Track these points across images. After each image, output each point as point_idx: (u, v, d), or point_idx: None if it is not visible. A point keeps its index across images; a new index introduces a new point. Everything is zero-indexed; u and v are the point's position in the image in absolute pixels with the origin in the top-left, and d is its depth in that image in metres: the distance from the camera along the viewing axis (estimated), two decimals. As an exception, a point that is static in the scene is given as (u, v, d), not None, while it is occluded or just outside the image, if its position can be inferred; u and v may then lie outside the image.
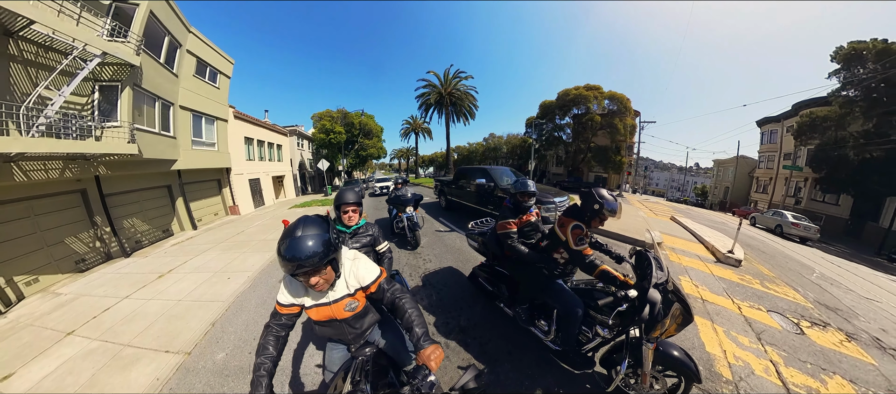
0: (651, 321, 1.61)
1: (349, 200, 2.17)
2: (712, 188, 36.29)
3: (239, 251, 6.88)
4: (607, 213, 1.98)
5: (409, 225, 5.27)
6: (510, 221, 2.53)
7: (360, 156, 27.98)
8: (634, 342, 1.74)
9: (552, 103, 27.65)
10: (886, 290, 6.56)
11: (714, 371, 2.58)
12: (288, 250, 1.16)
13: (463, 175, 8.17)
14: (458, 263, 4.43)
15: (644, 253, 1.95)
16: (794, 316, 4.08)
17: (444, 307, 3.10)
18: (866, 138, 13.65)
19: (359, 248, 2.18)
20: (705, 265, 5.82)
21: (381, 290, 1.42)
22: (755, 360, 2.87)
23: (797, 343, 3.33)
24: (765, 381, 2.57)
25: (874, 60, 13.00)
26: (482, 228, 3.26)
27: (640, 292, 1.69)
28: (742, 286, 4.96)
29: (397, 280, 2.31)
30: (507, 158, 42.28)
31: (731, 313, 3.78)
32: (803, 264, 7.78)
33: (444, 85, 26.27)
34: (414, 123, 38.10)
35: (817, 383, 2.66)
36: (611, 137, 24.94)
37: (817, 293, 5.37)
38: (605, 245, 2.44)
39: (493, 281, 2.89)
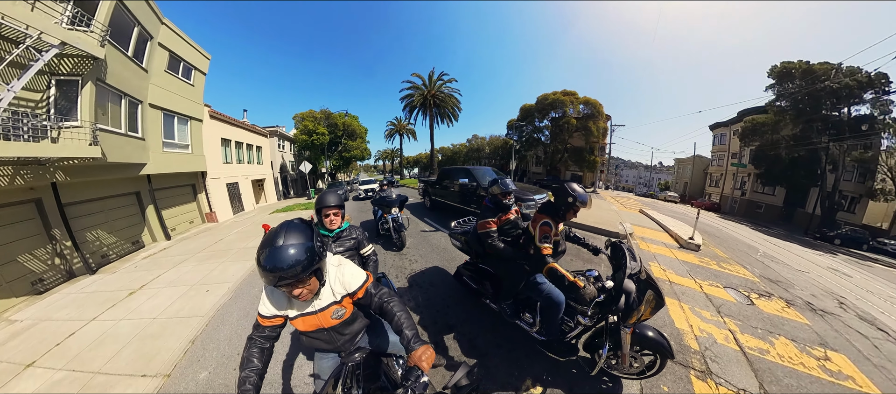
0: (627, 309, 1.75)
1: (330, 203, 2.09)
2: (673, 183, 41.48)
3: (218, 261, 6.46)
4: (579, 204, 2.07)
5: (395, 226, 5.25)
6: (490, 219, 2.55)
7: (344, 157, 27.37)
8: (613, 328, 1.85)
9: (532, 107, 29.32)
10: (813, 263, 8.24)
11: (683, 344, 2.95)
12: (268, 260, 1.08)
13: (446, 175, 8.27)
14: (443, 263, 4.46)
15: (619, 244, 2.08)
16: (745, 290, 4.77)
17: (431, 306, 3.12)
18: (794, 141, 17.49)
19: (342, 252, 2.11)
20: (671, 251, 6.54)
21: (369, 295, 1.37)
22: (716, 330, 3.32)
23: (749, 313, 3.90)
24: (726, 348, 3.00)
25: (800, 77, 16.71)
26: (465, 228, 3.27)
27: (617, 283, 1.83)
28: (702, 268, 5.67)
29: (384, 283, 2.20)
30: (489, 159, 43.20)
31: (694, 292, 4.31)
32: (750, 246, 9.05)
33: (428, 87, 26.68)
34: (398, 125, 37.93)
35: (767, 344, 3.18)
36: (585, 139, 27.00)
37: (762, 269, 6.31)
38: (582, 238, 2.56)
39: (478, 279, 2.91)
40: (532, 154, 33.31)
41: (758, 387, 2.52)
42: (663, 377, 2.33)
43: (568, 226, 2.46)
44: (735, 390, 2.45)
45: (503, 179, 2.68)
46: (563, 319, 2.11)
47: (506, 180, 2.69)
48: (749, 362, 2.85)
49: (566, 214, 2.13)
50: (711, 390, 2.40)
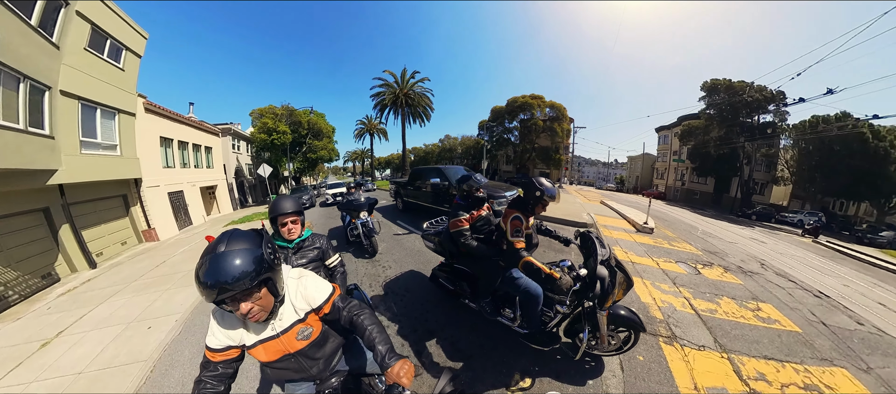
0: (603, 294, 1.82)
1: (286, 210, 1.81)
2: (627, 177, 46.93)
3: (161, 289, 5.39)
4: (548, 198, 2.10)
5: (365, 231, 4.89)
6: (462, 218, 2.48)
7: (309, 159, 25.01)
8: (590, 312, 1.93)
9: (502, 109, 30.47)
10: (739, 235, 10.29)
11: (650, 316, 3.27)
12: (207, 272, 0.90)
13: (418, 176, 8.06)
14: (418, 266, 4.29)
15: (587, 234, 2.18)
16: (692, 263, 5.59)
17: (409, 313, 2.98)
18: (720, 141, 22.34)
19: (305, 264, 1.90)
20: (630, 235, 7.31)
21: (336, 309, 1.22)
22: (675, 299, 3.79)
23: (697, 281, 4.59)
24: (684, 313, 3.45)
25: (724, 91, 21.29)
26: (437, 228, 3.18)
27: (590, 271, 1.88)
28: (656, 247, 6.44)
29: (356, 295, 2.00)
30: (462, 158, 43.69)
31: (653, 269, 4.84)
32: (691, 226, 10.55)
33: (400, 85, 25.84)
34: (369, 124, 36.41)
35: (714, 304, 3.78)
36: (551, 139, 28.80)
37: (703, 244, 7.53)
38: (553, 230, 2.60)
39: (454, 279, 2.83)
40: (502, 153, 34.50)
41: (713, 341, 2.98)
42: (638, 349, 2.55)
43: (538, 220, 2.50)
44: (696, 346, 2.83)
45: (472, 175, 2.74)
46: (542, 310, 2.13)
47: (476, 176, 2.71)
48: (703, 322, 3.33)
49: (535, 208, 2.15)
50: (678, 351, 2.72)
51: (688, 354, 2.70)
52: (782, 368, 2.73)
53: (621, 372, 2.32)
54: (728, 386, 2.40)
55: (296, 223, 1.89)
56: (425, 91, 26.79)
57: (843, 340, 3.46)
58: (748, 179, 22.38)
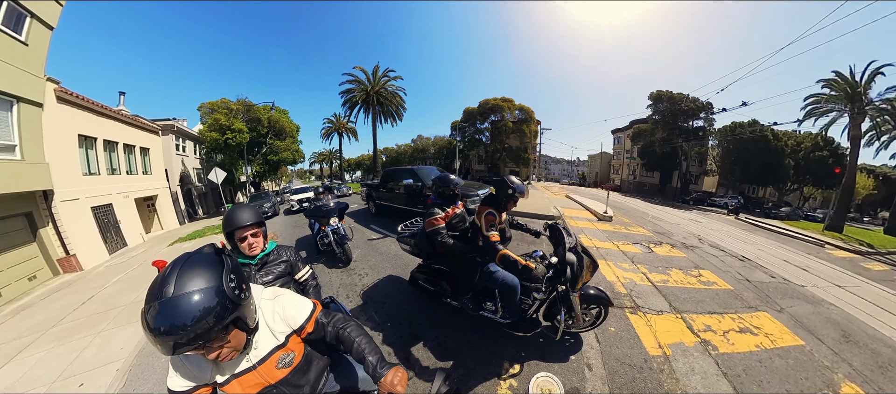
0: (574, 278, 1.98)
1: (244, 222, 1.57)
2: (589, 173, 52.03)
3: (92, 332, 4.18)
4: (519, 195, 2.20)
5: (336, 239, 4.53)
6: (437, 216, 2.48)
7: (271, 162, 21.68)
8: (564, 295, 2.09)
9: (474, 110, 31.30)
10: (680, 217, 11.94)
11: (615, 291, 3.66)
12: (159, 319, 0.73)
13: (390, 177, 7.77)
14: (396, 270, 4.15)
15: (555, 225, 2.35)
16: (646, 243, 6.34)
17: (392, 320, 2.90)
18: (663, 141, 26.47)
19: (271, 280, 1.71)
20: (592, 224, 8.03)
21: (320, 326, 1.10)
22: (634, 275, 4.27)
23: (651, 258, 5.30)
24: (643, 286, 3.93)
25: (666, 101, 25.59)
26: (412, 230, 3.12)
27: (560, 258, 2.03)
28: (616, 232, 7.17)
29: (334, 309, 1.86)
30: (434, 159, 43.59)
31: (614, 251, 5.44)
32: (643, 212, 11.90)
33: (371, 83, 24.27)
34: (337, 123, 33.72)
35: (666, 275, 4.40)
36: (520, 140, 30.27)
37: (653, 227, 8.51)
38: (524, 224, 2.71)
39: (434, 280, 2.81)
40: (474, 153, 35.30)
41: (668, 306, 3.46)
42: (609, 321, 2.80)
43: (510, 215, 2.58)
44: (656, 312, 3.25)
45: (446, 174, 2.69)
46: (521, 299, 2.21)
47: (446, 176, 2.67)
48: (659, 291, 3.83)
49: (507, 204, 2.23)
50: (642, 318, 3.10)
51: (650, 319, 3.08)
52: (722, 318, 3.31)
53: (597, 344, 2.56)
54: (684, 340, 2.79)
55: (257, 236, 1.62)
56: (398, 90, 25.65)
57: (762, 291, 4.32)
58: (686, 172, 27.48)
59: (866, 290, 4.97)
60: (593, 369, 2.27)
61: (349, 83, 24.68)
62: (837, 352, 2.97)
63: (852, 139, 14.11)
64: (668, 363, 2.43)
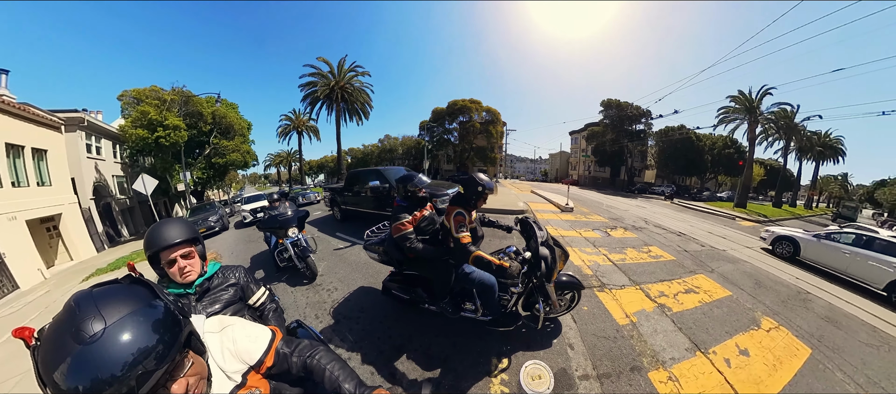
0: (548, 270, 2.01)
1: (170, 240, 1.23)
2: (550, 170, 55.28)
3: None
4: (487, 191, 2.20)
5: (298, 252, 4.01)
6: (404, 221, 2.31)
7: (216, 165, 17.71)
8: (540, 286, 2.11)
9: (443, 110, 31.60)
10: (629, 204, 13.74)
11: (583, 274, 3.99)
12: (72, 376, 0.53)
13: (355, 179, 7.24)
14: (368, 280, 3.87)
15: (526, 220, 2.33)
16: (603, 228, 7.04)
17: (370, 336, 2.71)
18: (613, 141, 30.60)
19: (220, 310, 1.40)
20: (556, 215, 8.69)
21: (282, 357, 0.95)
22: (597, 257, 4.75)
23: (609, 241, 5.92)
24: (605, 266, 4.38)
25: (615, 107, 29.62)
26: (380, 236, 2.93)
27: (533, 252, 2.05)
28: (577, 221, 7.85)
29: (302, 334, 1.63)
30: (403, 159, 42.68)
31: (578, 238, 5.97)
32: (598, 202, 13.21)
33: (336, 77, 22.02)
34: (296, 120, 30.38)
35: (623, 254, 5.05)
36: (487, 140, 31.44)
37: (608, 214, 9.52)
38: (495, 221, 2.71)
39: (408, 287, 2.71)
40: (443, 153, 35.54)
41: (628, 280, 3.94)
42: (582, 302, 3.01)
43: (481, 213, 2.58)
44: (619, 287, 3.70)
45: (411, 174, 2.57)
46: (499, 295, 2.23)
47: (413, 175, 2.55)
48: (619, 268, 4.34)
49: (477, 202, 2.21)
50: (608, 294, 3.48)
51: (615, 294, 3.46)
52: (671, 284, 3.97)
53: (575, 324, 2.77)
54: (645, 307, 3.22)
55: (190, 257, 1.28)
56: (365, 86, 23.64)
57: (696, 258, 5.34)
58: (631, 167, 32.24)
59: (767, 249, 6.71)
60: (575, 348, 2.45)
61: (311, 76, 22.17)
62: (755, 296, 3.92)
63: (750, 140, 19.25)
64: (636, 329, 2.79)
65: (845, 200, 29.52)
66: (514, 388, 2.05)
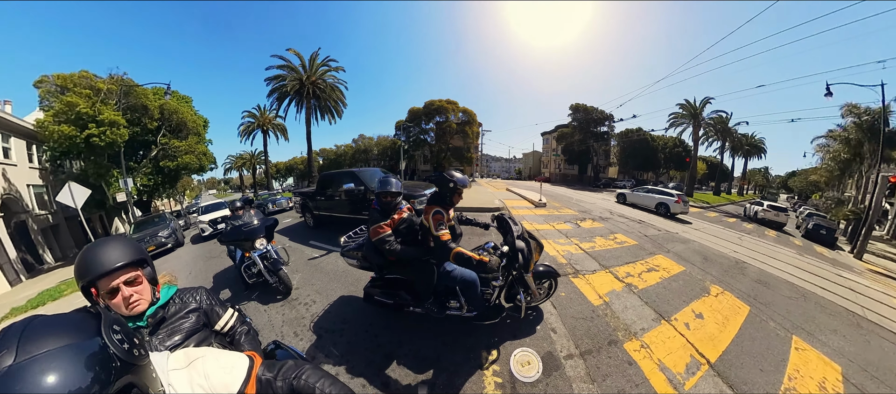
0: (526, 262, 2.13)
1: (108, 265, 1.00)
2: (524, 169, 58.25)
3: None
4: (461, 186, 2.21)
5: (268, 265, 3.67)
6: (382, 224, 2.28)
7: (166, 170, 15.14)
8: (519, 278, 2.24)
9: (419, 110, 31.45)
10: (596, 198, 14.82)
11: (558, 263, 4.26)
12: None
13: (328, 182, 6.88)
14: (348, 289, 3.69)
15: (502, 217, 2.48)
16: (574, 220, 7.49)
17: (356, 347, 2.62)
18: (580, 142, 33.02)
19: (181, 341, 1.19)
20: (531, 211, 9.10)
21: (265, 384, 0.90)
22: (570, 247, 5.10)
23: (579, 231, 6.32)
24: (577, 254, 4.72)
25: (582, 111, 32.48)
26: (358, 241, 2.84)
27: (510, 246, 2.17)
28: (550, 215, 8.29)
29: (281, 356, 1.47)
30: (378, 160, 41.60)
31: (552, 231, 6.30)
32: (568, 197, 14.03)
33: (307, 71, 20.27)
34: (261, 117, 27.49)
35: (592, 242, 5.46)
36: (464, 140, 31.94)
37: (577, 207, 10.17)
38: (473, 219, 2.74)
39: (391, 292, 2.66)
40: (420, 154, 35.37)
41: (598, 265, 4.26)
42: (559, 289, 3.20)
43: (459, 212, 2.63)
44: (591, 271, 4.01)
45: (387, 177, 2.47)
46: (482, 290, 2.28)
47: (390, 177, 2.46)
48: (590, 255, 4.70)
49: (452, 198, 2.23)
50: (582, 279, 3.75)
51: (588, 279, 3.76)
52: (635, 265, 4.38)
53: (555, 310, 2.94)
54: (615, 287, 3.55)
55: (137, 283, 1.05)
56: (339, 82, 21.87)
57: (654, 240, 6.02)
58: (596, 165, 35.38)
59: (709, 228, 8.63)
60: (557, 331, 2.61)
61: (280, 69, 20.13)
62: (703, 269, 4.60)
63: (694, 141, 24.36)
64: (609, 308, 3.07)
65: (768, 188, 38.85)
66: (506, 377, 2.11)
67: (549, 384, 2.08)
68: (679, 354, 2.47)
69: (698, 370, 2.31)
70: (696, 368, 2.33)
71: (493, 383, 2.05)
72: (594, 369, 2.25)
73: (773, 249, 7.40)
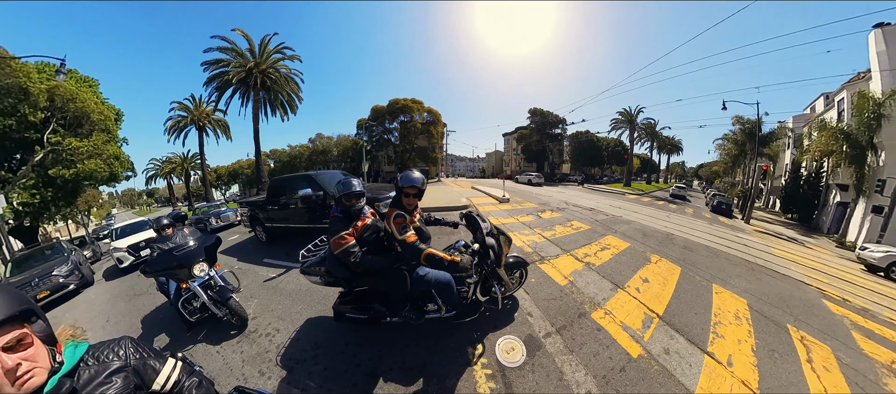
0: (497, 257, 2.16)
1: None
2: (487, 167, 62.15)
3: None
4: (405, 185, 2.10)
5: (213, 296, 3.03)
6: (344, 234, 2.08)
7: (59, 181, 11.08)
8: (492, 271, 2.23)
9: (383, 109, 30.34)
10: (553, 191, 16.64)
11: (525, 252, 4.52)
12: None
13: (281, 189, 6.01)
14: (315, 309, 3.29)
15: (469, 214, 2.49)
16: (535, 212, 8.04)
17: (335, 372, 2.40)
18: (538, 143, 37.02)
19: None
20: (496, 206, 9.57)
21: None
22: (534, 237, 5.50)
23: (541, 222, 6.81)
24: (541, 242, 5.13)
25: (539, 115, 36.21)
26: (319, 254, 2.62)
27: (481, 243, 2.18)
28: (514, 209, 8.79)
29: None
30: (339, 162, 39.01)
31: (517, 224, 6.68)
32: (529, 192, 15.07)
33: (257, 57, 17.22)
34: (196, 110, 22.35)
35: (553, 231, 5.93)
36: (429, 140, 31.85)
37: (537, 200, 10.93)
38: (441, 218, 2.69)
39: (363, 306, 2.48)
40: (384, 154, 34.27)
41: (561, 250, 4.67)
42: (530, 277, 3.41)
43: (426, 212, 2.60)
44: (555, 256, 4.36)
45: (348, 179, 2.27)
46: (458, 289, 2.28)
47: (349, 181, 2.22)
48: (552, 242, 5.15)
49: (404, 198, 2.13)
50: (548, 264, 4.04)
51: (553, 263, 4.09)
52: (591, 246, 4.91)
53: (528, 295, 3.15)
54: (576, 268, 3.93)
55: (22, 348, 0.74)
56: (294, 73, 18.89)
57: (603, 223, 6.90)
58: (552, 162, 39.58)
59: (644, 211, 10.04)
60: (533, 315, 2.79)
61: (222, 52, 16.53)
62: (644, 243, 5.43)
63: (630, 142, 30.95)
64: (574, 286, 3.41)
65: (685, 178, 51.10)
66: (495, 367, 2.15)
67: (534, 364, 2.20)
68: (635, 314, 2.88)
69: (652, 324, 2.74)
70: (649, 322, 2.77)
71: (484, 376, 2.08)
72: (570, 340, 2.45)
73: (691, 222, 9.42)
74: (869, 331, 3.18)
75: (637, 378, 2.11)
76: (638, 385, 2.05)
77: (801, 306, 3.63)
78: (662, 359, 2.32)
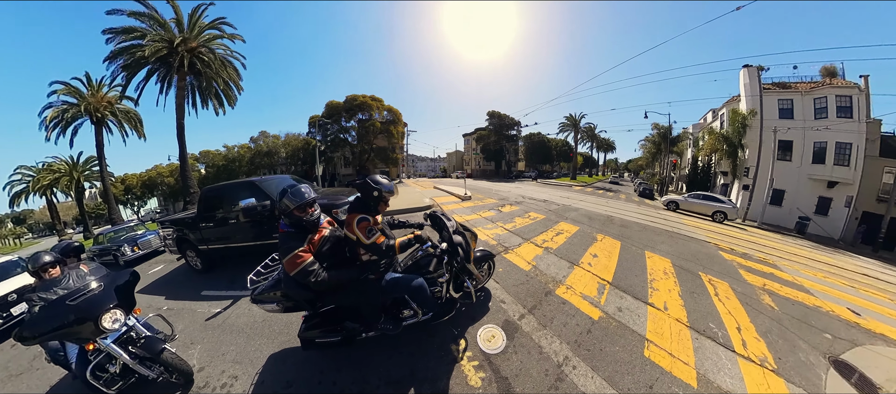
0: (465, 253, 2.18)
1: None
2: (448, 167, 64.57)
3: None
4: (386, 194, 2.01)
5: (138, 353, 2.23)
6: (299, 251, 1.79)
7: None
8: (462, 267, 2.28)
9: (340, 105, 27.73)
10: (511, 187, 17.62)
11: (490, 245, 4.76)
12: None
13: (216, 201, 4.95)
14: (278, 342, 2.77)
15: (434, 214, 2.51)
16: (496, 207, 8.52)
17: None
18: (495, 143, 40.03)
19: None
20: (459, 204, 9.82)
21: None
22: (498, 230, 5.76)
23: (502, 216, 7.22)
24: (504, 234, 5.43)
25: (497, 117, 39.39)
26: (274, 275, 2.29)
27: (448, 242, 2.20)
28: (476, 206, 9.16)
29: None
30: (288, 164, 34.82)
31: (480, 220, 6.88)
32: (489, 188, 15.83)
33: (184, 31, 12.82)
34: (92, 95, 16.08)
35: (513, 223, 6.35)
36: (389, 140, 30.57)
37: (497, 196, 11.52)
38: (405, 221, 2.70)
39: (333, 327, 2.25)
40: (340, 155, 32.05)
41: (522, 239, 5.07)
42: (497, 267, 3.68)
43: (389, 215, 2.62)
44: (517, 245, 4.70)
45: (297, 185, 1.97)
46: (431, 290, 2.27)
47: (298, 188, 1.91)
48: (513, 233, 5.51)
49: (378, 206, 2.04)
50: (512, 253, 4.34)
51: (517, 252, 4.39)
52: (547, 233, 5.40)
53: (498, 284, 3.35)
54: (537, 252, 4.34)
55: None
56: (234, 56, 14.49)
57: (556, 212, 7.69)
58: (509, 161, 42.65)
59: (588, 199, 11.94)
60: (506, 301, 2.98)
61: (134, 18, 11.87)
62: (590, 225, 6.24)
63: (575, 142, 37.37)
64: (537, 269, 3.78)
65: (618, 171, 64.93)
66: (480, 357, 2.21)
67: (516, 345, 2.35)
68: (591, 284, 3.39)
69: (605, 290, 3.28)
70: (603, 289, 3.31)
71: (473, 368, 2.13)
72: (542, 317, 2.72)
73: (625, 205, 11.34)
74: (748, 268, 4.61)
75: (601, 336, 2.48)
76: (603, 342, 2.40)
77: (706, 257, 4.92)
78: (618, 316, 2.77)
